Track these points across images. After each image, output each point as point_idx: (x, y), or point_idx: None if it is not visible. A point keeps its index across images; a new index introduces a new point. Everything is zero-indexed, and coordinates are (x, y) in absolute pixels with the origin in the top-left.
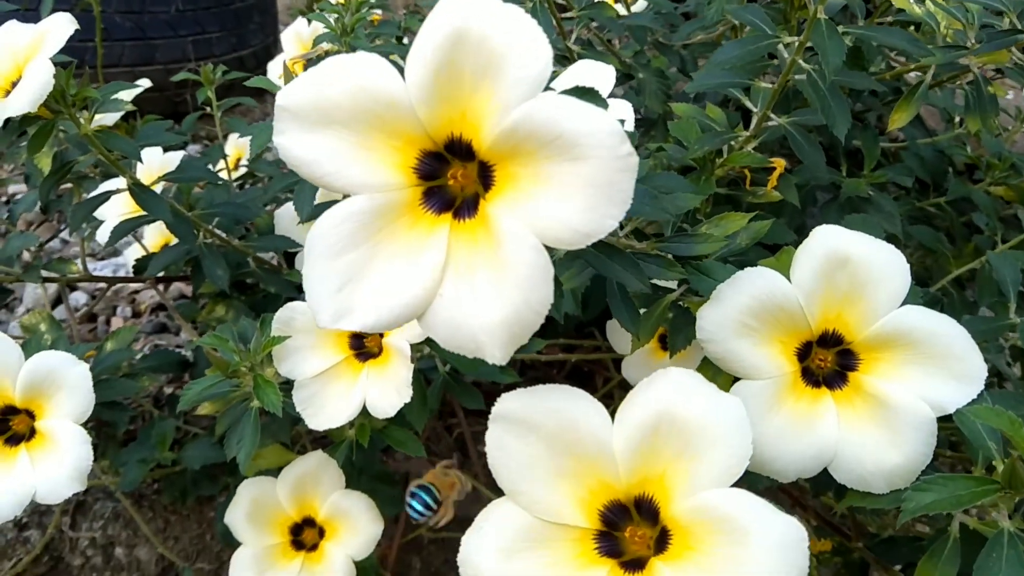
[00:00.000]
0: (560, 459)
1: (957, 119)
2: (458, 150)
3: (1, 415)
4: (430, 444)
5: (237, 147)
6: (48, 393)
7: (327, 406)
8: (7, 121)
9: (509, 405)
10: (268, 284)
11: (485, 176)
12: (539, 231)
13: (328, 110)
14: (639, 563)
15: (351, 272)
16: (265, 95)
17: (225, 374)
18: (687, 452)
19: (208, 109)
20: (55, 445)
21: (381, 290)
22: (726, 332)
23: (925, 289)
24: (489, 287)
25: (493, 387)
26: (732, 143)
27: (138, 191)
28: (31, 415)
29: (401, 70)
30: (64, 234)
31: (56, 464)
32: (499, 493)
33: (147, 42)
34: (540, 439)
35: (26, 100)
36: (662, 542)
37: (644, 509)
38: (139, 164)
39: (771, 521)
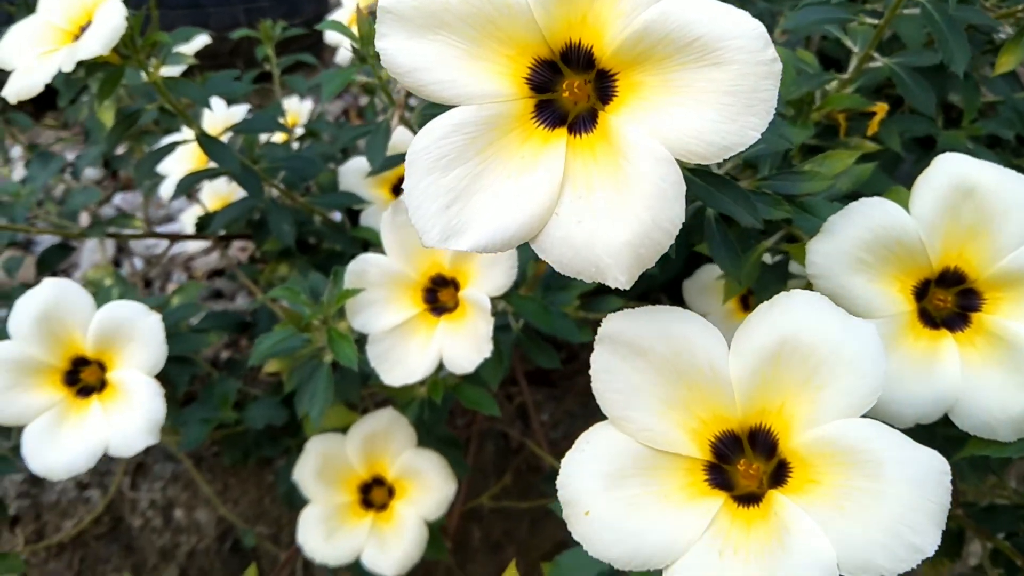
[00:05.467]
0: (671, 386)
1: None
2: (575, 58)
3: (72, 366)
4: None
5: (292, 112)
6: (120, 344)
7: (402, 362)
8: (68, 75)
9: (618, 326)
10: (333, 241)
11: (604, 87)
12: (670, 144)
13: (437, 13)
14: (753, 497)
15: (459, 189)
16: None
17: (298, 327)
18: (814, 380)
19: (267, 66)
20: (127, 397)
21: (493, 208)
22: (839, 267)
23: None
24: (613, 205)
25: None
26: (827, 87)
27: (206, 141)
28: (102, 366)
29: None
30: (117, 201)
31: (129, 416)
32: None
33: (200, 10)
34: (650, 364)
35: (99, 42)
36: (779, 476)
37: (759, 441)
38: (204, 116)
39: (909, 452)
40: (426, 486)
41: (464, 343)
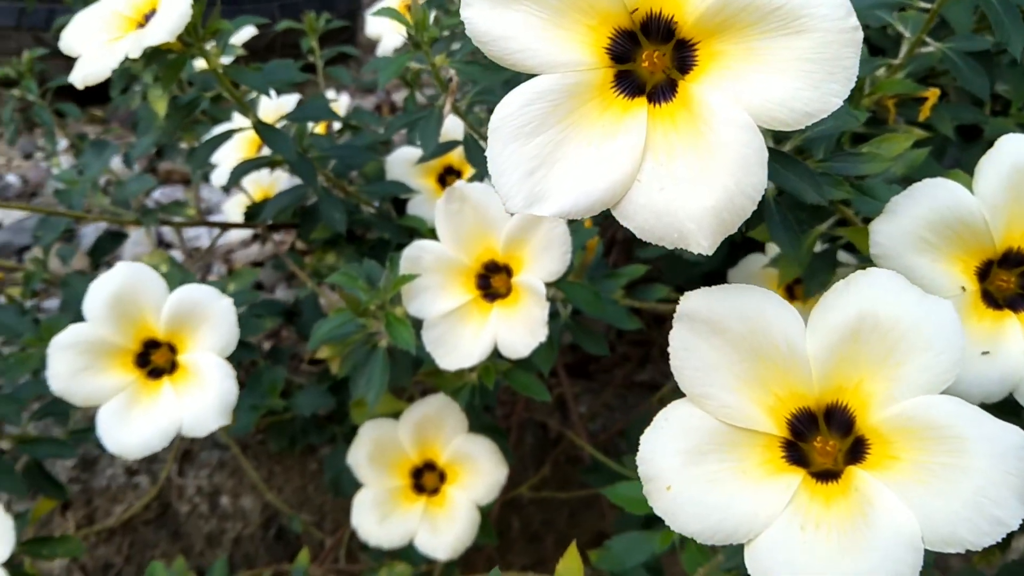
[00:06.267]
0: (748, 363)
1: None
2: (655, 28)
3: (143, 348)
4: (528, 405)
5: (332, 105)
6: (192, 326)
7: (457, 347)
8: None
9: (696, 304)
10: (381, 230)
11: (683, 57)
12: (753, 111)
13: None
14: (830, 474)
15: (542, 155)
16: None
17: (357, 312)
18: (892, 356)
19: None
20: (200, 378)
21: (575, 175)
22: (903, 247)
23: None
24: (696, 172)
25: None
26: (878, 72)
27: (264, 129)
28: (172, 349)
29: None
30: (157, 195)
31: (202, 397)
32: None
33: (236, 7)
34: (727, 341)
35: (167, 29)
36: (856, 452)
37: (835, 419)
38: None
39: (991, 427)
40: (478, 471)
41: (520, 328)
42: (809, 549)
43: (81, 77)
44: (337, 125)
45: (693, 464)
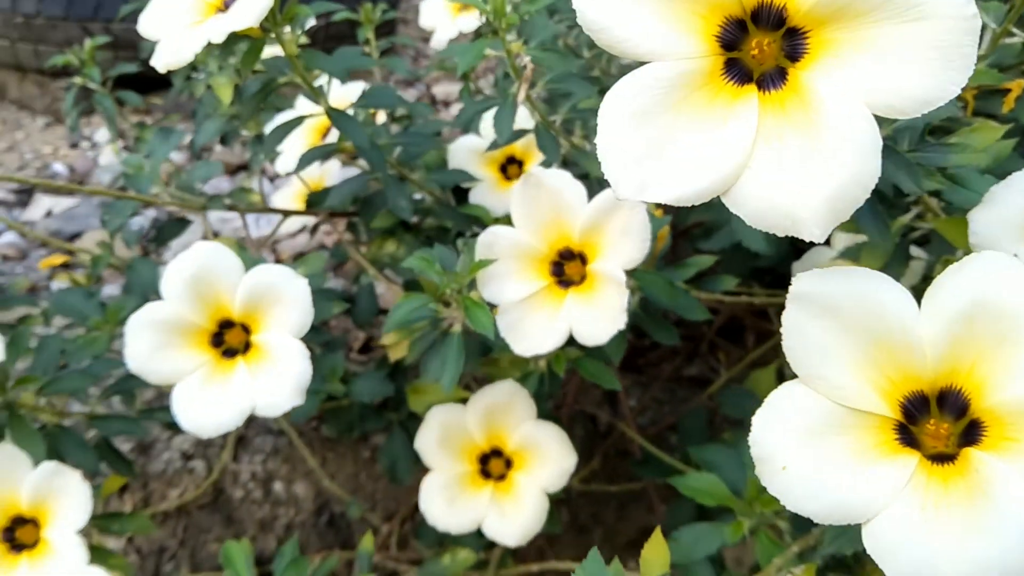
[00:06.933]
0: (861, 345)
1: None
2: (765, 17)
3: (218, 328)
4: (578, 397)
5: None
6: (266, 307)
7: (531, 332)
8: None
9: (808, 285)
10: (444, 218)
11: (794, 45)
12: (868, 100)
13: None
14: (944, 456)
15: (652, 143)
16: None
17: (435, 296)
18: (1009, 339)
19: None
20: (274, 359)
21: (686, 161)
22: (1002, 235)
23: None
24: (809, 160)
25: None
26: None
27: (336, 115)
28: (245, 329)
29: None
30: (207, 188)
31: (276, 377)
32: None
33: None
34: (841, 323)
35: (252, 13)
36: (970, 435)
37: (948, 401)
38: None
39: None
40: (547, 458)
41: (598, 315)
42: (931, 528)
43: (163, 62)
44: (382, 116)
45: (808, 445)
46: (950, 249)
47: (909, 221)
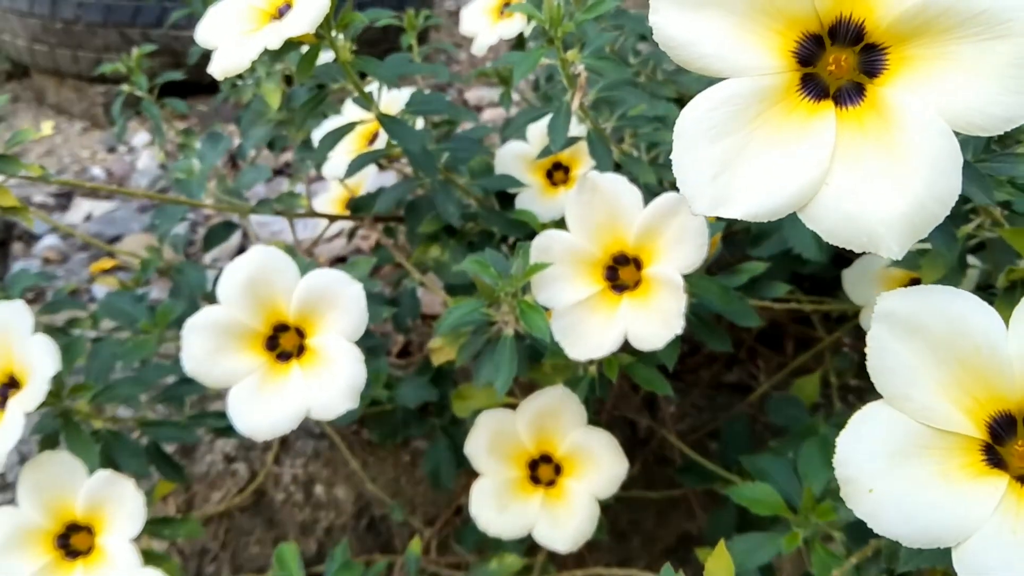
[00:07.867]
0: (947, 365)
1: None
2: (843, 33)
3: (273, 331)
4: (617, 403)
5: None
6: (322, 310)
7: (585, 337)
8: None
9: (894, 304)
10: (491, 223)
11: (871, 61)
12: (948, 116)
13: None
14: None
15: (728, 158)
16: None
17: (490, 299)
18: None
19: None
20: (328, 362)
21: (762, 177)
22: None
23: None
24: (887, 176)
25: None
26: None
27: (387, 121)
28: (299, 333)
29: None
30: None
31: (331, 381)
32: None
33: None
34: (927, 342)
35: (307, 21)
36: None
37: None
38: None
39: None
40: (598, 464)
41: (654, 320)
42: None
43: (221, 68)
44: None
45: (895, 466)
46: (1010, 258)
47: (973, 230)
